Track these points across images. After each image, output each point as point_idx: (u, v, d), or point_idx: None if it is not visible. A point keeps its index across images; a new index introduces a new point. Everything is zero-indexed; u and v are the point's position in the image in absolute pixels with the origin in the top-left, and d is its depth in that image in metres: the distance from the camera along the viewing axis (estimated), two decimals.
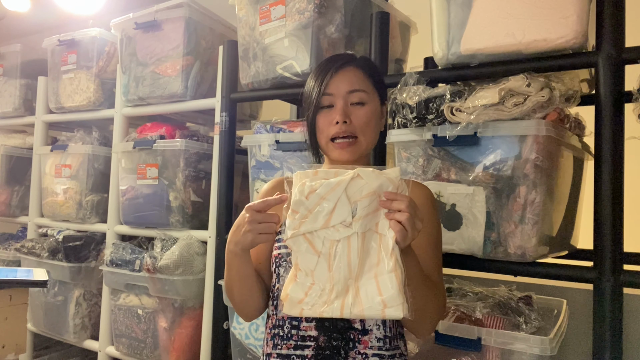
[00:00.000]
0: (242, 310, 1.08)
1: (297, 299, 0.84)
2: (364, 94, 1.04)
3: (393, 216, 0.81)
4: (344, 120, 1.01)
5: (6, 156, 2.66)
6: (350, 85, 1.03)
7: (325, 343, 0.96)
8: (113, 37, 2.30)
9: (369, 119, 1.04)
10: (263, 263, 1.08)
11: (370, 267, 0.83)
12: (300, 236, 0.83)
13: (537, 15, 1.17)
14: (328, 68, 1.05)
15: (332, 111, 1.03)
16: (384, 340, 0.97)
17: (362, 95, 1.04)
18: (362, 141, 1.04)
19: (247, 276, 1.00)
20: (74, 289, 2.23)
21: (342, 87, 1.03)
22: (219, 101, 1.87)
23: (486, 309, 1.28)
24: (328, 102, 1.04)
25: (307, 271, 0.84)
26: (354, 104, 1.04)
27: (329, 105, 1.04)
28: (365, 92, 1.04)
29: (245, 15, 1.74)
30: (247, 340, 1.69)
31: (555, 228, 1.29)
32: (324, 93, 1.03)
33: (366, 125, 1.04)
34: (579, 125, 1.34)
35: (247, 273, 1.00)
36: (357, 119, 1.03)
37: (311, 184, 0.82)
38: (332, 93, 1.03)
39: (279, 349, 0.99)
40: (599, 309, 1.11)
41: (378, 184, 0.81)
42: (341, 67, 1.05)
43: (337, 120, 1.01)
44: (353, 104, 1.04)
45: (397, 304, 0.80)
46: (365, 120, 1.03)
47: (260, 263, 1.08)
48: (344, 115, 1.01)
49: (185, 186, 1.96)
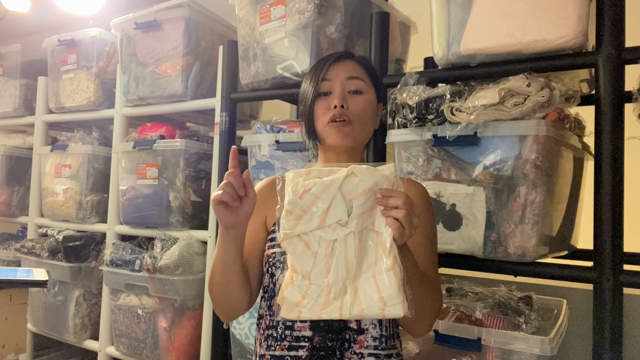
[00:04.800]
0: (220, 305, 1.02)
1: (295, 302, 0.82)
2: (362, 83, 1.07)
3: (389, 213, 0.79)
4: (342, 104, 1.03)
5: (6, 156, 2.66)
6: (349, 72, 1.06)
7: (320, 343, 0.95)
8: (113, 37, 2.30)
9: (365, 107, 1.06)
10: (252, 260, 1.05)
11: (368, 266, 0.81)
12: (296, 237, 0.81)
13: (537, 15, 1.17)
14: (327, 59, 1.09)
15: (330, 97, 1.05)
16: (380, 339, 0.96)
17: (359, 84, 1.06)
18: (356, 127, 1.04)
19: (229, 262, 0.95)
20: (74, 289, 2.23)
21: (341, 74, 1.06)
22: (219, 101, 1.87)
23: (486, 309, 1.28)
24: (327, 89, 1.06)
25: (304, 273, 0.82)
26: (351, 92, 1.06)
27: (327, 92, 1.06)
28: (363, 81, 1.07)
29: (245, 15, 1.74)
30: (247, 340, 1.69)
31: (555, 228, 1.29)
32: (323, 79, 1.05)
33: (362, 113, 1.05)
34: (579, 125, 1.34)
35: (228, 259, 0.95)
36: (353, 105, 1.05)
37: (305, 183, 0.81)
38: (331, 79, 1.06)
39: (272, 350, 0.97)
40: (599, 309, 1.11)
41: (373, 182, 0.80)
42: (341, 58, 1.09)
43: (335, 105, 1.03)
44: (351, 92, 1.06)
45: (397, 303, 0.78)
46: (362, 108, 1.05)
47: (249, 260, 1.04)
48: (342, 99, 1.03)
49: (185, 186, 1.96)
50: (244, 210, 0.90)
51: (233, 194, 0.87)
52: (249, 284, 1.03)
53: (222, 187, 0.87)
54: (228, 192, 0.87)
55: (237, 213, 0.90)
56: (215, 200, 0.87)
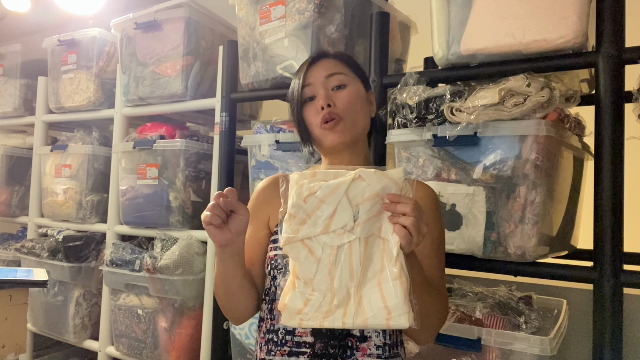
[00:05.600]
0: (228, 312, 1.04)
1: (296, 309, 0.79)
2: (342, 76, 1.06)
3: (397, 220, 0.76)
4: (327, 103, 1.02)
5: (6, 156, 2.66)
6: (327, 70, 1.06)
7: (322, 350, 0.93)
8: (113, 37, 2.30)
9: (352, 99, 1.05)
10: (256, 265, 1.05)
11: (373, 274, 0.78)
12: (299, 242, 0.78)
13: (537, 15, 1.17)
14: (304, 64, 1.09)
15: (316, 101, 1.05)
16: (383, 347, 0.94)
17: (340, 77, 1.06)
18: (347, 121, 1.03)
19: (228, 277, 0.96)
20: (74, 289, 2.23)
21: (319, 75, 1.05)
22: (219, 101, 1.87)
23: (486, 309, 1.28)
24: (310, 93, 1.06)
25: (306, 280, 0.79)
26: (334, 88, 1.05)
27: (311, 97, 1.06)
28: (343, 74, 1.06)
29: (245, 15, 1.74)
30: (247, 340, 1.69)
31: (555, 228, 1.29)
32: (303, 85, 1.05)
33: (350, 106, 1.04)
34: (579, 125, 1.34)
35: (228, 274, 0.95)
36: (339, 100, 1.04)
37: (310, 186, 0.78)
38: (311, 82, 1.05)
39: (272, 355, 0.96)
40: (599, 309, 1.11)
41: (381, 186, 0.77)
42: (316, 59, 1.09)
43: (321, 106, 1.02)
44: (334, 89, 1.05)
45: (403, 313, 0.75)
46: (349, 101, 1.04)
47: (252, 264, 1.04)
48: (327, 99, 1.03)
49: (185, 186, 1.96)
50: (235, 228, 0.88)
51: (222, 216, 0.87)
52: (255, 288, 1.03)
53: (210, 209, 0.86)
54: (216, 214, 0.86)
55: (230, 231, 0.88)
56: (205, 222, 0.87)
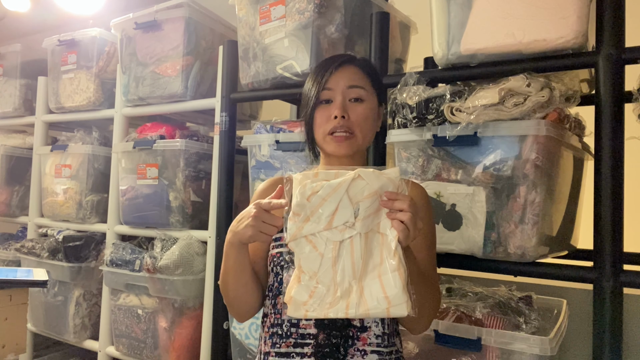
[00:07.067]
0: (235, 307, 1.08)
1: (301, 301, 0.84)
2: (362, 91, 1.07)
3: (395, 216, 0.82)
4: (342, 115, 1.03)
5: (6, 156, 2.66)
6: (350, 81, 1.06)
7: (325, 340, 0.97)
8: (113, 37, 2.30)
9: (366, 115, 1.06)
10: (259, 262, 1.09)
11: (373, 267, 0.84)
12: (303, 238, 0.84)
13: (537, 15, 1.17)
14: (329, 65, 1.08)
15: (331, 106, 1.05)
16: (382, 337, 0.99)
17: (360, 92, 1.06)
18: (358, 137, 1.05)
19: (243, 270, 1.01)
20: (74, 289, 2.23)
21: (341, 83, 1.06)
22: (219, 101, 1.87)
23: (486, 309, 1.28)
24: (327, 97, 1.06)
25: (311, 273, 0.84)
26: (352, 100, 1.06)
27: (327, 100, 1.06)
28: (363, 89, 1.07)
29: (245, 15, 1.74)
30: (247, 340, 1.69)
31: (555, 228, 1.29)
32: (324, 88, 1.06)
33: (364, 122, 1.06)
34: (579, 125, 1.34)
35: (243, 267, 1.00)
36: (354, 114, 1.05)
37: (312, 186, 0.83)
38: (332, 88, 1.06)
39: (277, 348, 1.00)
40: (599, 309, 1.11)
41: (379, 185, 0.82)
42: (341, 65, 1.08)
43: (335, 115, 1.03)
44: (351, 100, 1.06)
45: (402, 302, 0.81)
46: (363, 117, 1.06)
47: (256, 262, 1.08)
48: (342, 110, 1.04)
49: (185, 186, 1.96)
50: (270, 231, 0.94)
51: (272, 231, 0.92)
52: (261, 285, 1.08)
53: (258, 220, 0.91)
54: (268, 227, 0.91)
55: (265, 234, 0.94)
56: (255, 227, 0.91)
